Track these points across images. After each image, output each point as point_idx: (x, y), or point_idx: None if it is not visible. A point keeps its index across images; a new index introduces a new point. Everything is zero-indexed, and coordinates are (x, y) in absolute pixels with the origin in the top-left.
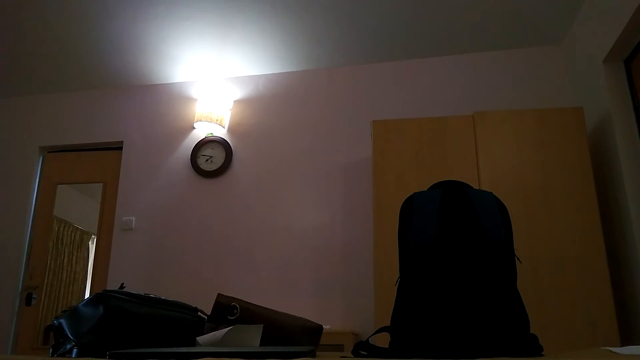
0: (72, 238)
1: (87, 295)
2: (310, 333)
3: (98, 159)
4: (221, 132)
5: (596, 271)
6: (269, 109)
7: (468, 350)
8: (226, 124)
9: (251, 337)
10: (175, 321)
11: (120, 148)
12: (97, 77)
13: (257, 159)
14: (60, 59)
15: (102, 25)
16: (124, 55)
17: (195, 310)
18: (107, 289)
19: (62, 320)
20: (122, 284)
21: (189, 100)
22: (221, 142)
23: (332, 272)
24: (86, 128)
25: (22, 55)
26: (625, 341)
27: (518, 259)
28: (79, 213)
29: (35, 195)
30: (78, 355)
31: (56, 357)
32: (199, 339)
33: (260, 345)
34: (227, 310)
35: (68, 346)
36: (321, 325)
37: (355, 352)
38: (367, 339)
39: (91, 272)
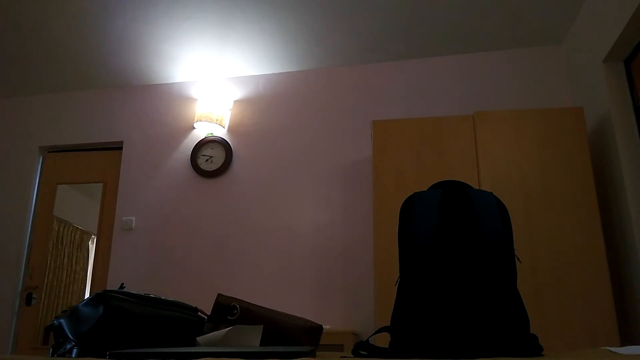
0: (72, 238)
1: (87, 295)
2: (310, 333)
3: (98, 159)
4: (221, 132)
5: (596, 271)
6: (269, 109)
7: (468, 350)
8: (226, 124)
9: (251, 337)
10: (175, 321)
11: (120, 148)
12: (97, 77)
13: (257, 159)
14: (60, 59)
15: (102, 25)
16: (124, 55)
17: (195, 310)
18: (107, 289)
19: (62, 320)
20: (122, 284)
21: (189, 100)
22: (221, 142)
23: (332, 272)
24: (86, 128)
25: (21, 55)
26: (625, 341)
27: (518, 259)
28: (79, 213)
29: (35, 195)
30: (78, 355)
31: (56, 357)
32: (199, 339)
33: (260, 345)
34: (227, 310)
35: (68, 346)
36: (321, 325)
37: (355, 352)
38: (367, 339)
39: (91, 272)
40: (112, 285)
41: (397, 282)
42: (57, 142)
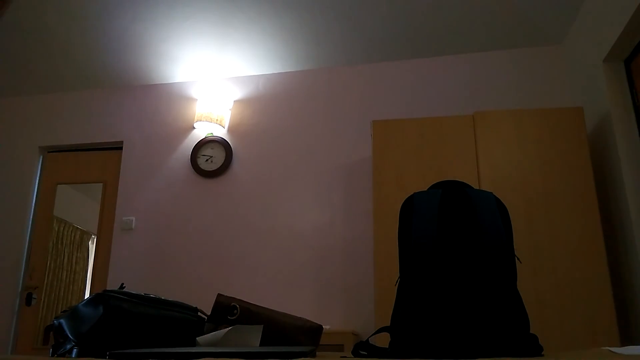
0: (72, 238)
1: (87, 295)
2: (310, 333)
3: (98, 159)
4: (221, 132)
5: (596, 271)
6: (269, 109)
7: (468, 350)
8: (226, 124)
9: (251, 337)
10: (175, 321)
11: (120, 148)
12: (97, 77)
13: (257, 159)
14: (60, 59)
15: (102, 25)
16: (124, 55)
17: (195, 310)
18: (107, 289)
19: (62, 320)
20: (122, 284)
21: (189, 100)
22: (221, 142)
23: (332, 272)
24: (86, 128)
25: (21, 55)
26: (625, 341)
27: (518, 259)
28: (79, 213)
29: (35, 195)
30: (78, 355)
31: (56, 357)
32: (199, 339)
33: (260, 345)
34: (227, 311)
35: (68, 346)
36: (321, 325)
37: (355, 352)
38: (367, 339)
39: (91, 272)
40: (112, 285)
41: (397, 282)
42: (57, 142)
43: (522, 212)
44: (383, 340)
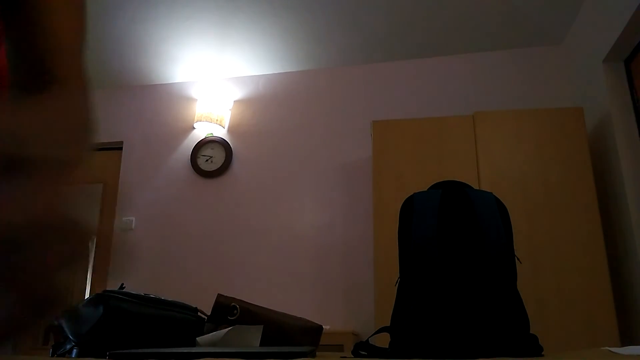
0: None
1: (87, 295)
2: (310, 333)
3: (98, 159)
4: (221, 132)
5: (596, 271)
6: (269, 109)
7: (468, 351)
8: (226, 124)
9: (251, 338)
10: (175, 321)
11: (120, 148)
12: (97, 77)
13: (257, 159)
14: None
15: (102, 25)
16: (124, 55)
17: (195, 310)
18: (107, 289)
19: (62, 321)
20: (122, 284)
21: (189, 100)
22: (221, 142)
23: (332, 272)
24: None
25: None
26: (625, 341)
27: (518, 259)
28: None
29: None
30: (78, 355)
31: (56, 357)
32: (199, 339)
33: (260, 345)
34: (227, 311)
35: (68, 346)
36: (321, 325)
37: (355, 352)
38: (367, 339)
39: (91, 272)
40: (112, 285)
41: (397, 282)
42: None
43: (521, 212)
44: (383, 340)
